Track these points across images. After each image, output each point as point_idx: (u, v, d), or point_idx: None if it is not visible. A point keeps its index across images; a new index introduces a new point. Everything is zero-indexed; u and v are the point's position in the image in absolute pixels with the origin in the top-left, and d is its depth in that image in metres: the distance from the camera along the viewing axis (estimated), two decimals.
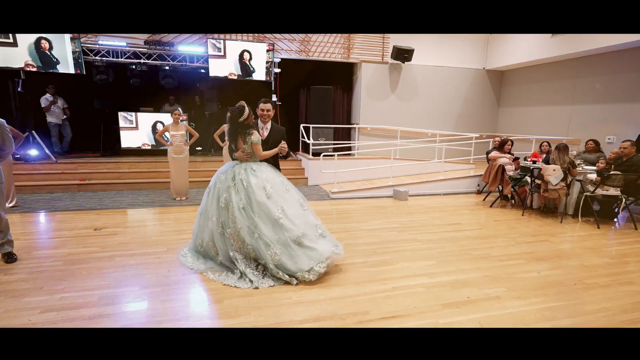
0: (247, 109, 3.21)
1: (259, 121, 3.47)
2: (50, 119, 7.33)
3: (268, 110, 3.41)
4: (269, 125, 3.48)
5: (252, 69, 7.78)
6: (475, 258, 3.66)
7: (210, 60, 7.49)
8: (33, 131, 6.97)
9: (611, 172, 4.90)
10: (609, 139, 7.27)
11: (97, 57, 7.24)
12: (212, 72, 7.59)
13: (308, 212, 3.24)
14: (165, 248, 3.73)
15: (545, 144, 6.44)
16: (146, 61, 7.57)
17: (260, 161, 3.34)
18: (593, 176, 5.15)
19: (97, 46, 7.22)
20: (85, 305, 2.57)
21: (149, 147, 7.79)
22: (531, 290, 2.97)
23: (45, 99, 7.23)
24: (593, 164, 5.59)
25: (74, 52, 6.82)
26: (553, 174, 5.01)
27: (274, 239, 2.98)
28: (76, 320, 2.39)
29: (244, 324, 2.39)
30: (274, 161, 3.49)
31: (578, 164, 5.33)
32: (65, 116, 7.55)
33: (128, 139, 7.65)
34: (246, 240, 3.02)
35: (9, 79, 7.21)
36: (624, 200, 4.85)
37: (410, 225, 4.82)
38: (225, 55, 7.56)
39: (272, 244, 2.97)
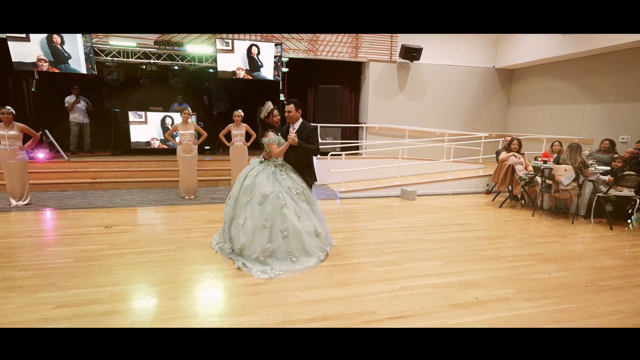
0: (267, 105, 3.34)
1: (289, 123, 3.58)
2: (72, 117, 7.65)
3: (289, 112, 3.49)
4: (297, 124, 3.52)
5: (260, 64, 7.80)
6: (484, 259, 3.63)
7: (218, 55, 7.54)
8: (46, 130, 7.13)
9: (625, 173, 4.80)
10: (622, 138, 7.12)
11: (108, 58, 7.36)
12: (220, 67, 7.62)
13: (266, 230, 3.24)
14: (174, 246, 3.77)
15: (556, 143, 6.32)
16: (156, 61, 7.66)
17: (286, 162, 3.52)
18: (606, 177, 5.05)
19: (108, 46, 7.34)
20: (97, 302, 2.62)
21: (158, 141, 7.97)
22: (541, 292, 2.93)
23: (67, 100, 7.55)
24: (606, 164, 5.47)
25: (85, 47, 6.94)
26: (564, 174, 4.93)
27: (234, 236, 3.39)
28: (88, 316, 2.44)
29: (251, 322, 2.41)
30: (305, 160, 3.56)
31: (590, 164, 5.23)
32: (87, 116, 7.86)
33: (138, 134, 7.83)
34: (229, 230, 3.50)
35: (23, 79, 7.37)
36: (638, 201, 4.75)
37: (417, 225, 4.79)
38: (233, 50, 7.60)
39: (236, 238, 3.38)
